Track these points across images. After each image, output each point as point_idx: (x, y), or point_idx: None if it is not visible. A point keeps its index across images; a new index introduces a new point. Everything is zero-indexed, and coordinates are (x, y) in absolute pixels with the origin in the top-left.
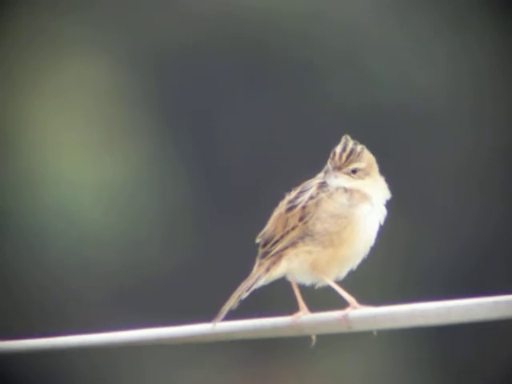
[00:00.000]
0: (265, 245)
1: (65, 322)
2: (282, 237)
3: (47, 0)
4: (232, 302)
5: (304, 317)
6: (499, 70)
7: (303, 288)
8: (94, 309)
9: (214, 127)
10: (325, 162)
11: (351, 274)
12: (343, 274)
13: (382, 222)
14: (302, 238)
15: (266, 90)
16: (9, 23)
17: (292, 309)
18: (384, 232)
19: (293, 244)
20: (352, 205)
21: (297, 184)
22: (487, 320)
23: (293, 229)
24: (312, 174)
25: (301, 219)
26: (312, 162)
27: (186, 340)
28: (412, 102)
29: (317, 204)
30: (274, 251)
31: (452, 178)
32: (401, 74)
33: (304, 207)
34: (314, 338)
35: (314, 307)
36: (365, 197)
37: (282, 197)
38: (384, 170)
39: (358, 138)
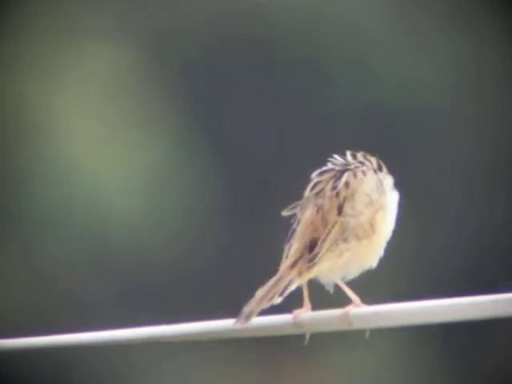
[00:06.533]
0: (311, 248)
1: (83, 318)
2: (325, 237)
3: None
4: (262, 306)
5: (304, 314)
6: (502, 68)
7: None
8: (110, 305)
9: (240, 126)
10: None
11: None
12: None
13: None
14: (341, 234)
15: (291, 90)
16: (31, 13)
17: (291, 307)
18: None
19: (335, 242)
20: (380, 188)
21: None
22: (488, 318)
23: (333, 226)
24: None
25: (339, 212)
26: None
27: (183, 338)
28: (417, 101)
29: (353, 193)
30: (322, 252)
31: (458, 176)
32: (403, 74)
33: (337, 194)
34: (307, 336)
35: (314, 305)
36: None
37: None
38: (390, 169)
39: (365, 137)
